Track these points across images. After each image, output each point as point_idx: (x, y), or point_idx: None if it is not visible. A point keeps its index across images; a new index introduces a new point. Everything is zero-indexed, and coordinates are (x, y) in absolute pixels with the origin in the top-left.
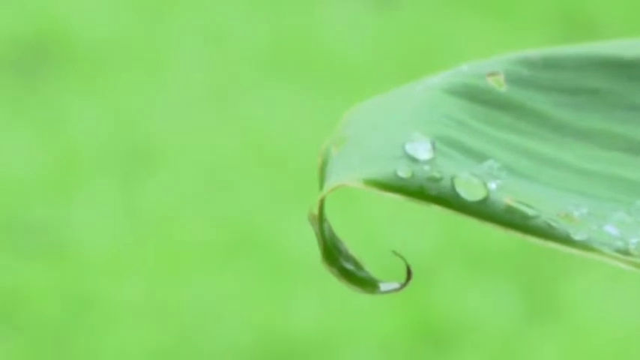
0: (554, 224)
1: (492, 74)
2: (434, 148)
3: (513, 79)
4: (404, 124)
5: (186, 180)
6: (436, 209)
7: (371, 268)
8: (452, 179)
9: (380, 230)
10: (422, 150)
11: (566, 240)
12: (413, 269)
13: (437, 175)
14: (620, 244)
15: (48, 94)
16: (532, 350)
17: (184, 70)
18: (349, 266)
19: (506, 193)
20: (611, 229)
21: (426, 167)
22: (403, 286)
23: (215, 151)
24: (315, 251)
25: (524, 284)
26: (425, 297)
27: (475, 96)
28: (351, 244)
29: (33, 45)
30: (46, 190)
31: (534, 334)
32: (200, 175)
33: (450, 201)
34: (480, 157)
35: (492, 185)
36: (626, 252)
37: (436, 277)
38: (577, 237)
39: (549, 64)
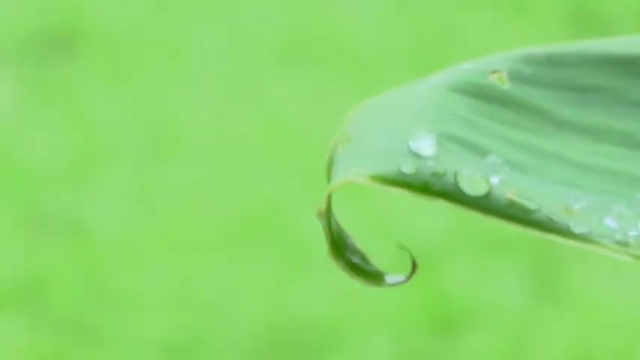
0: (554, 218)
1: (495, 72)
2: (438, 144)
3: (516, 77)
4: (408, 121)
5: (201, 167)
6: (440, 204)
7: (382, 258)
8: (455, 175)
9: (391, 217)
10: (426, 146)
11: (566, 233)
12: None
13: (441, 170)
14: (619, 236)
15: (69, 81)
16: (543, 333)
17: (202, 58)
18: (356, 259)
19: (508, 187)
20: (610, 221)
21: (430, 163)
22: (409, 278)
23: (230, 139)
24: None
25: (534, 268)
26: (437, 282)
27: (478, 93)
28: (363, 233)
29: (56, 35)
30: (65, 177)
31: (545, 317)
32: (215, 162)
33: (454, 196)
34: (483, 152)
35: (495, 180)
36: (625, 244)
37: (448, 262)
38: (577, 230)
39: (552, 61)
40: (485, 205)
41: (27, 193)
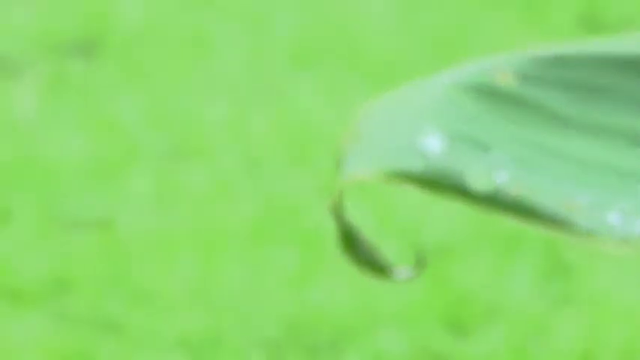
0: (559, 214)
1: (503, 71)
2: (446, 142)
3: (523, 76)
4: (417, 119)
5: (222, 166)
6: (449, 200)
7: (394, 254)
8: (463, 172)
9: (406, 214)
10: (434, 144)
11: (570, 228)
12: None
13: (449, 167)
14: (622, 232)
15: (93, 83)
16: (557, 331)
17: (222, 60)
18: (365, 254)
19: (514, 184)
20: (614, 217)
21: (439, 160)
22: (417, 273)
23: (250, 139)
24: None
25: (549, 266)
26: (451, 280)
27: (486, 92)
28: (375, 229)
29: (80, 38)
30: (90, 176)
31: (559, 316)
32: (235, 161)
33: (461, 192)
34: (490, 150)
35: (501, 177)
36: (627, 240)
37: (462, 260)
38: (581, 225)
39: (558, 61)
40: (492, 201)
41: (51, 192)
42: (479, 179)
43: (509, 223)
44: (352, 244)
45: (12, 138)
